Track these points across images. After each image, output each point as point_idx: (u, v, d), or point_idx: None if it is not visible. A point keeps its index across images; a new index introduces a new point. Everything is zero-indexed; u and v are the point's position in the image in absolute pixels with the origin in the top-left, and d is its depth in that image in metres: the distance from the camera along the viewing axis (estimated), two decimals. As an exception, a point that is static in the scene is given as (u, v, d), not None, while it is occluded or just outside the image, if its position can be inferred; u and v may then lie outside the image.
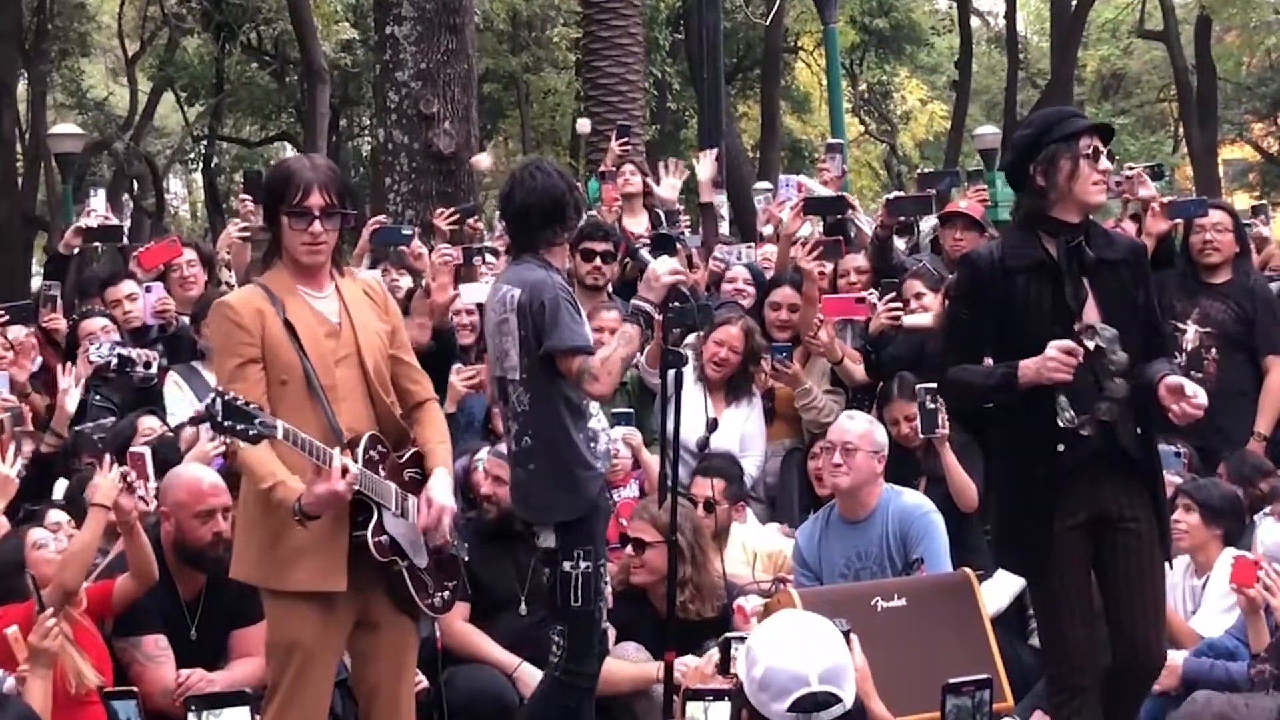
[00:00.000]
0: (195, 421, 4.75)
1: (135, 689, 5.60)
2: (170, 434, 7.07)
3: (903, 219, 9.26)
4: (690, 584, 6.39)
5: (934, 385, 6.96)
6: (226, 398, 4.47)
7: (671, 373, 5.62)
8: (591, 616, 5.61)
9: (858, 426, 6.70)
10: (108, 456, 5.93)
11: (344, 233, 5.05)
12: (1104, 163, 5.16)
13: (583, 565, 5.56)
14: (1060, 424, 5.08)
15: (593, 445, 5.61)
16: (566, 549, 5.57)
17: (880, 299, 7.85)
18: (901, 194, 8.88)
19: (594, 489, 5.60)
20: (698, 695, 5.30)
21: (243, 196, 9.46)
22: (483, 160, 12.81)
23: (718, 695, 5.14)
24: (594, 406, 5.69)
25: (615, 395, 6.81)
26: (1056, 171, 5.14)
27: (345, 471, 4.62)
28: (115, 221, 9.24)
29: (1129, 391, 5.14)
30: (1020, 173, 5.25)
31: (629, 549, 6.46)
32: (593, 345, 5.54)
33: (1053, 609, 5.25)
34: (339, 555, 4.80)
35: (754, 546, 7.08)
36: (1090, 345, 5.04)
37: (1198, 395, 5.01)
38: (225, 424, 4.47)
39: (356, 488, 4.69)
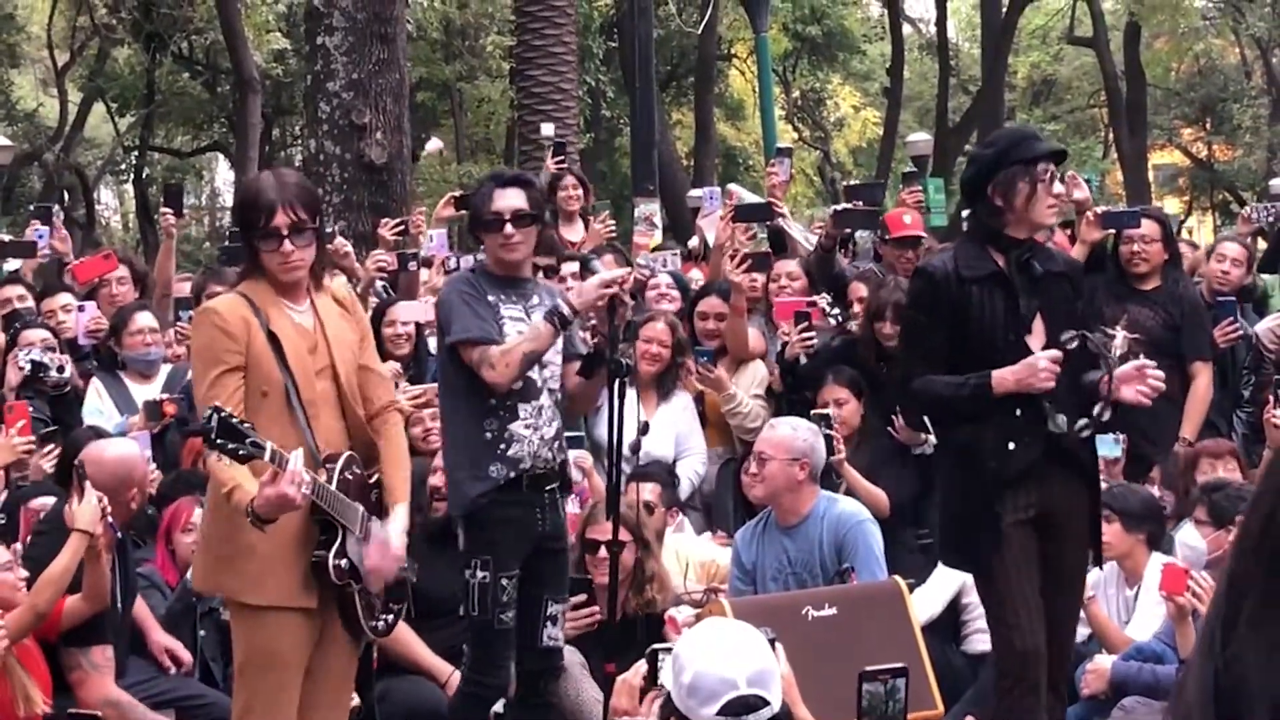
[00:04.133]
0: (188, 434, 4.75)
1: (99, 713, 5.57)
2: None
3: (848, 230, 9.30)
4: (656, 578, 6.48)
5: (826, 413, 7.08)
6: (223, 414, 4.44)
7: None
8: (490, 627, 5.70)
9: (774, 434, 6.72)
10: (87, 483, 5.87)
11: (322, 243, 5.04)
12: (1057, 186, 5.37)
13: (479, 574, 5.65)
14: (1053, 429, 5.22)
15: (501, 447, 5.65)
16: (468, 554, 5.67)
17: (796, 330, 7.86)
18: (849, 207, 8.89)
19: (475, 492, 5.64)
20: None
21: (163, 210, 9.41)
22: (548, 130, 12.98)
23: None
24: (528, 409, 5.70)
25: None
26: (1014, 194, 5.30)
27: (297, 478, 4.58)
28: (60, 246, 9.15)
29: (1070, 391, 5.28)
30: (977, 189, 5.40)
31: (601, 552, 6.45)
32: (494, 337, 5.63)
33: (1005, 604, 5.34)
34: (309, 572, 4.80)
35: (687, 555, 7.09)
36: (1091, 350, 5.18)
37: (1156, 370, 5.29)
38: (218, 441, 4.45)
39: (323, 506, 4.69)
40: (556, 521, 5.88)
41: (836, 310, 7.93)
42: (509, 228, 5.73)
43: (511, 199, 5.78)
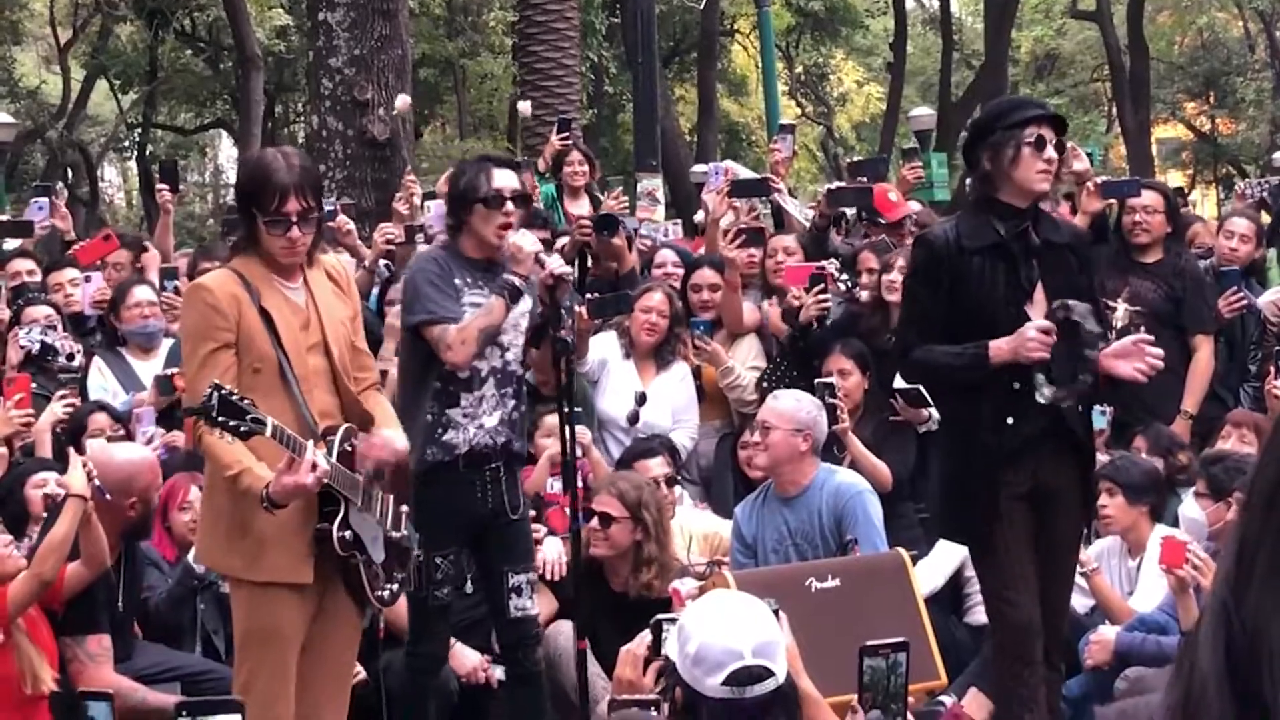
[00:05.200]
0: (188, 413, 4.74)
1: (110, 691, 5.58)
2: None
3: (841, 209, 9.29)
4: (655, 562, 6.48)
5: (830, 381, 7.08)
6: (223, 392, 4.46)
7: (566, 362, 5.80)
8: (425, 604, 5.83)
9: (778, 405, 6.75)
10: (72, 451, 5.92)
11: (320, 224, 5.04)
12: (1049, 151, 5.28)
13: (415, 552, 5.64)
14: (1041, 400, 5.20)
15: (438, 431, 5.72)
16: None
17: (809, 291, 7.87)
18: (843, 185, 8.90)
19: (414, 470, 5.59)
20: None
21: (159, 186, 9.41)
22: (525, 108, 12.93)
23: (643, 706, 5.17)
24: (469, 398, 5.75)
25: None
26: (1000, 157, 5.28)
27: (315, 466, 4.62)
28: (62, 224, 9.15)
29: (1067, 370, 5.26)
30: (973, 155, 5.42)
31: (594, 522, 6.48)
32: (454, 315, 5.66)
33: (1001, 578, 5.36)
34: (308, 547, 4.82)
35: (689, 529, 7.10)
36: (1073, 320, 5.17)
37: (1147, 340, 5.29)
38: (219, 419, 4.46)
39: (325, 481, 4.69)
40: (501, 496, 5.88)
41: (845, 277, 7.91)
42: (510, 205, 5.75)
43: (509, 179, 5.82)
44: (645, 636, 4.17)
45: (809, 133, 37.44)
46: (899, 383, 7.00)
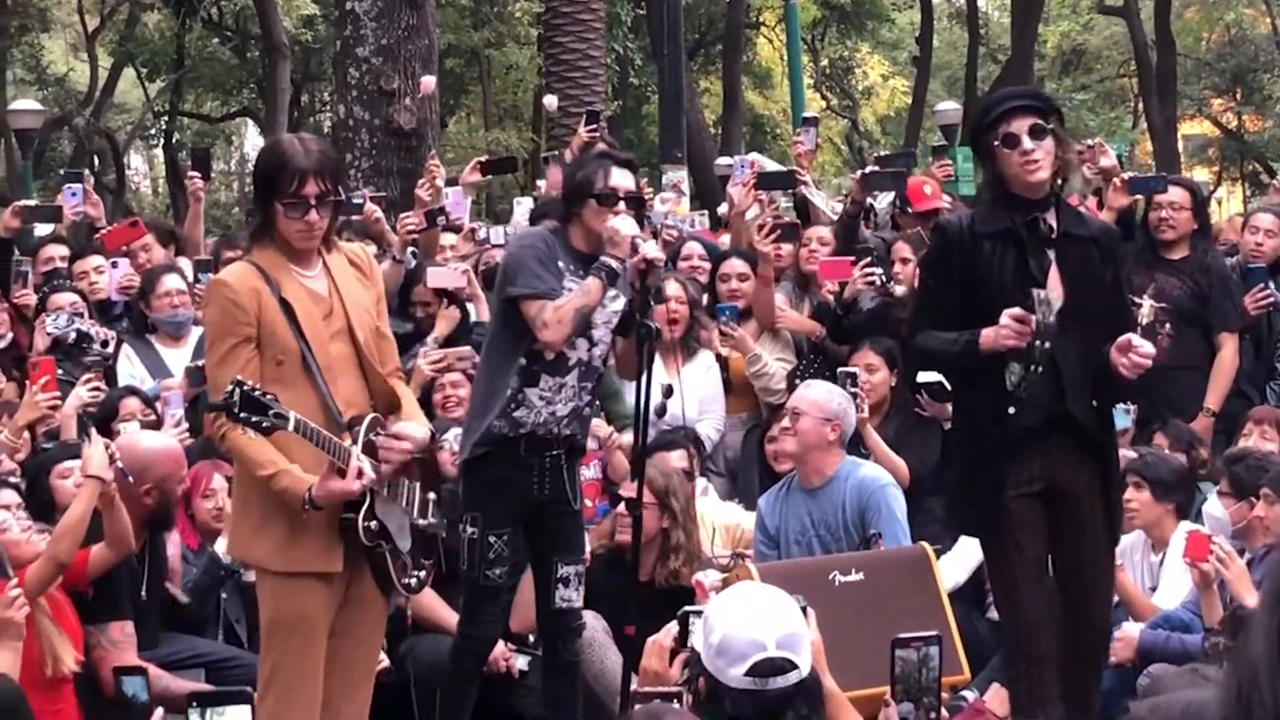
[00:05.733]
0: (211, 409, 4.74)
1: (145, 666, 5.59)
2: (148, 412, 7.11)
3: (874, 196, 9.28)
4: (683, 550, 6.51)
5: (854, 371, 7.08)
6: (245, 388, 4.46)
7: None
8: (476, 584, 5.83)
9: (809, 393, 6.78)
10: (92, 430, 5.94)
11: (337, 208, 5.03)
12: (1025, 143, 5.22)
13: (469, 530, 5.76)
14: (1008, 386, 5.15)
15: (512, 406, 5.73)
16: (462, 508, 5.79)
17: (856, 265, 7.89)
18: (875, 170, 8.88)
19: (473, 440, 5.75)
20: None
21: (191, 174, 9.43)
22: (551, 102, 12.92)
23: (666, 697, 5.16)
24: (550, 382, 5.74)
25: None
26: (989, 160, 5.32)
27: (360, 473, 4.66)
28: (93, 211, 9.17)
29: (1079, 367, 5.21)
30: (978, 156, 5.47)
31: (620, 508, 6.49)
32: (554, 293, 5.68)
33: (1007, 576, 5.33)
34: (335, 537, 4.82)
35: (712, 520, 7.10)
36: (1034, 309, 5.12)
37: (1144, 346, 5.14)
38: (241, 415, 4.47)
39: None
40: (560, 485, 5.89)
41: (880, 271, 7.90)
42: (622, 204, 5.78)
43: (626, 179, 5.86)
44: (672, 628, 4.18)
45: (833, 126, 37.39)
46: (922, 376, 6.99)
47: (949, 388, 6.68)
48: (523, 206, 10.11)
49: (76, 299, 7.93)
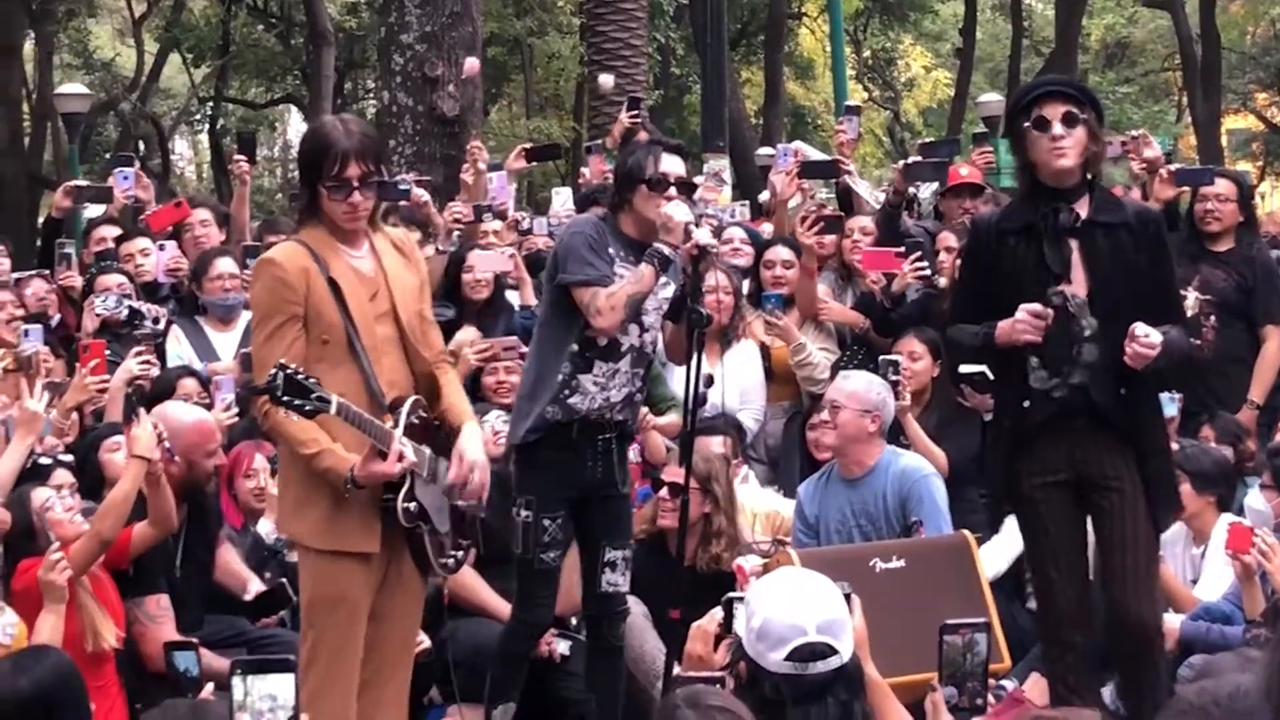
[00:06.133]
0: (253, 391, 4.77)
1: (196, 641, 5.63)
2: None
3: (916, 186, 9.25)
4: (725, 534, 6.52)
5: (896, 359, 7.07)
6: (288, 371, 4.49)
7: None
8: (530, 566, 5.83)
9: (848, 385, 6.76)
10: (142, 411, 5.98)
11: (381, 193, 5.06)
12: (1055, 128, 5.23)
13: (524, 513, 5.78)
14: (1033, 385, 5.19)
15: (565, 393, 5.73)
16: (516, 491, 5.83)
17: (907, 259, 7.87)
18: (918, 160, 8.85)
19: (526, 426, 5.75)
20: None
21: (237, 157, 9.45)
22: (606, 81, 12.85)
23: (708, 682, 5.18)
24: (604, 368, 5.75)
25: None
26: (1021, 145, 5.33)
27: (401, 456, 4.70)
28: (144, 194, 9.21)
29: (1105, 355, 5.20)
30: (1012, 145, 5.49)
31: (662, 493, 6.49)
32: (607, 279, 5.69)
33: (1039, 564, 5.43)
34: (375, 517, 4.85)
35: (752, 507, 7.10)
36: (1068, 310, 5.11)
37: (1149, 335, 5.10)
38: (284, 398, 4.50)
39: None
40: (610, 469, 5.90)
41: (926, 263, 7.87)
42: (673, 190, 5.78)
43: (676, 165, 5.86)
44: (716, 613, 4.18)
45: (875, 117, 37.25)
46: (964, 368, 6.98)
47: (991, 378, 6.68)
48: (561, 196, 10.13)
49: (124, 280, 7.97)
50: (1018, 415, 5.33)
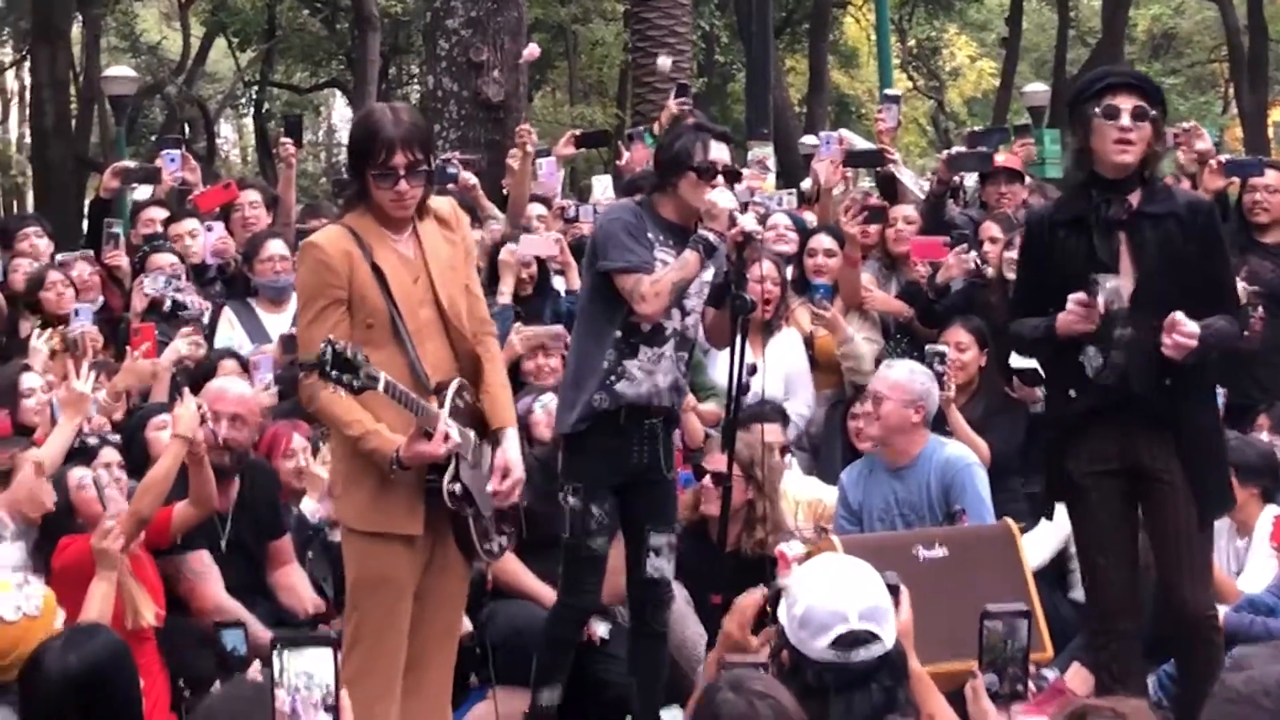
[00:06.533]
0: (303, 367, 4.77)
1: (244, 620, 5.65)
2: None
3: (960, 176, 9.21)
4: (768, 519, 6.50)
5: (942, 350, 7.04)
6: (337, 346, 4.50)
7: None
8: (577, 552, 5.83)
9: (891, 375, 6.73)
10: (186, 391, 6.01)
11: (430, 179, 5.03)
12: (1124, 120, 5.20)
13: (572, 500, 5.78)
14: (1089, 373, 5.20)
15: (611, 379, 5.72)
16: (563, 478, 5.81)
17: (952, 250, 7.84)
18: (963, 150, 8.82)
19: (574, 416, 5.73)
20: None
21: (283, 140, 9.48)
22: (665, 64, 12.80)
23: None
24: (649, 353, 5.74)
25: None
26: (1084, 130, 5.28)
27: (447, 437, 4.71)
28: (191, 176, 9.24)
29: (1148, 345, 5.16)
30: (1072, 132, 5.45)
31: (705, 481, 6.48)
32: (649, 265, 5.68)
33: (1088, 551, 5.45)
34: (420, 499, 4.87)
35: (795, 495, 7.09)
36: (1097, 294, 5.10)
37: (1186, 325, 5.09)
38: (333, 373, 4.50)
39: None
40: (656, 453, 5.90)
41: (974, 254, 7.83)
42: (720, 178, 5.76)
43: (723, 153, 5.83)
44: (757, 592, 4.17)
45: (919, 107, 37.15)
46: (1016, 361, 6.94)
47: (1042, 374, 6.65)
48: (601, 183, 10.11)
49: (176, 261, 8.01)
50: (1066, 405, 5.34)
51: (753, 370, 7.04)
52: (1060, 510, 5.75)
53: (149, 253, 8.07)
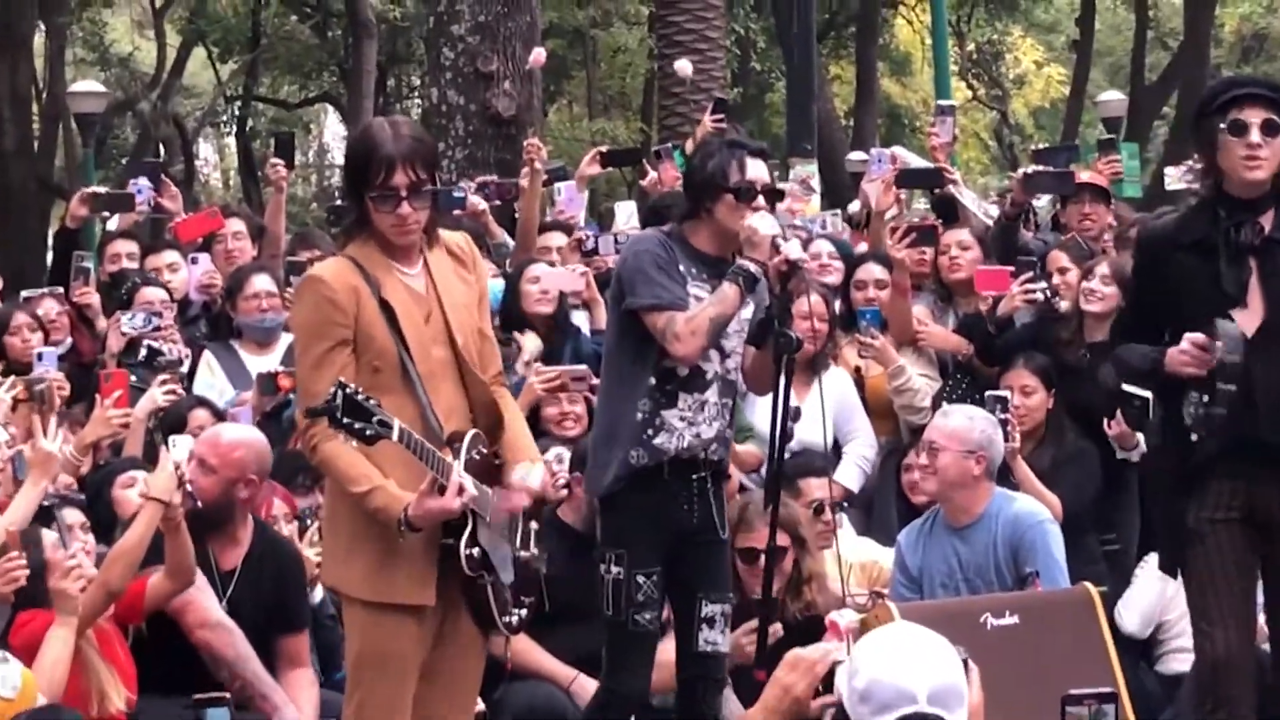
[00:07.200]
0: (310, 414, 4.76)
1: (227, 694, 5.63)
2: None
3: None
4: (814, 578, 6.49)
5: (1004, 395, 7.02)
6: (348, 390, 4.50)
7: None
8: (624, 629, 5.73)
9: (948, 423, 6.70)
10: (164, 450, 6.01)
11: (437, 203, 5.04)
12: (1253, 135, 5.22)
13: (613, 570, 5.70)
14: (1185, 420, 5.20)
15: (649, 433, 5.67)
16: (602, 545, 5.75)
17: (1016, 279, 7.80)
18: (1040, 169, 8.77)
19: (610, 476, 5.69)
20: None
21: (274, 161, 9.50)
22: (685, 68, 12.83)
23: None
24: (689, 400, 5.71)
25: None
26: (1209, 146, 5.30)
27: (462, 490, 4.69)
28: (171, 204, 9.28)
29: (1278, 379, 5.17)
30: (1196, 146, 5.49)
31: (739, 563, 6.43)
32: (683, 302, 5.63)
33: (1198, 608, 5.39)
34: (431, 566, 4.85)
35: (847, 556, 7.04)
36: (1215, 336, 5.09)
37: None
38: (344, 420, 4.50)
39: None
40: (708, 512, 5.83)
41: (1045, 285, 7.78)
42: (760, 200, 5.72)
43: (762, 172, 5.78)
44: (821, 646, 4.15)
45: (980, 119, 37.16)
46: (1130, 386, 6.92)
47: (1151, 409, 6.64)
48: (625, 211, 10.06)
49: (166, 296, 8.00)
50: (1186, 448, 5.29)
51: (796, 415, 7.04)
52: (1154, 569, 5.74)
53: (134, 288, 8.06)
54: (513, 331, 7.90)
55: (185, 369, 7.82)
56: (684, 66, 13.09)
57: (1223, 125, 5.23)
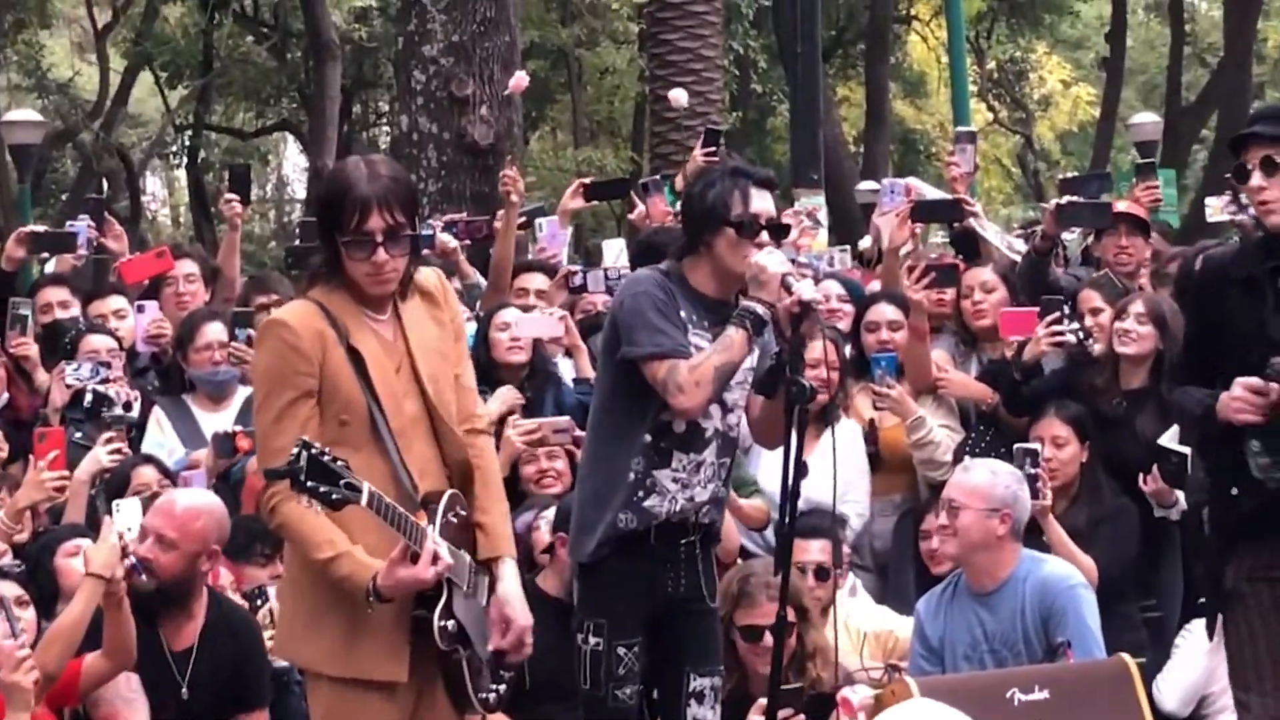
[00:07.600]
0: (271, 476, 4.75)
1: None
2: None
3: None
4: (819, 652, 6.47)
5: (1034, 448, 7.03)
6: (313, 450, 4.50)
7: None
8: (603, 705, 5.74)
9: (968, 479, 6.71)
10: (106, 519, 6.01)
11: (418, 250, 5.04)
12: (1255, 179, 5.31)
13: (591, 640, 5.71)
14: (1253, 471, 5.21)
15: (639, 494, 5.67)
16: (580, 613, 5.75)
17: (1042, 319, 7.80)
18: (1073, 200, 8.78)
19: (594, 541, 5.68)
20: None
21: (228, 196, 9.48)
22: (680, 97, 12.83)
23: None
24: (684, 460, 5.71)
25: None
26: (1244, 180, 5.39)
27: (436, 558, 4.69)
28: (115, 245, 9.28)
29: None
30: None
31: (740, 641, 6.45)
32: (685, 350, 5.61)
33: (1235, 674, 5.47)
34: (403, 638, 4.85)
35: (859, 626, 7.06)
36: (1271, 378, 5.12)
37: None
38: (308, 484, 4.50)
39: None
40: (695, 579, 5.84)
41: (1077, 326, 7.80)
42: (765, 235, 5.71)
43: (768, 203, 5.76)
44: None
45: (1002, 144, 37.31)
46: (1166, 440, 6.92)
47: (1188, 464, 6.68)
48: (613, 249, 10.06)
49: (114, 345, 7.96)
50: (1226, 503, 5.36)
51: (804, 471, 7.05)
52: (1200, 637, 5.76)
53: (81, 333, 8.04)
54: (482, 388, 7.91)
55: (135, 414, 7.80)
56: (679, 96, 13.10)
57: (1250, 166, 5.32)
